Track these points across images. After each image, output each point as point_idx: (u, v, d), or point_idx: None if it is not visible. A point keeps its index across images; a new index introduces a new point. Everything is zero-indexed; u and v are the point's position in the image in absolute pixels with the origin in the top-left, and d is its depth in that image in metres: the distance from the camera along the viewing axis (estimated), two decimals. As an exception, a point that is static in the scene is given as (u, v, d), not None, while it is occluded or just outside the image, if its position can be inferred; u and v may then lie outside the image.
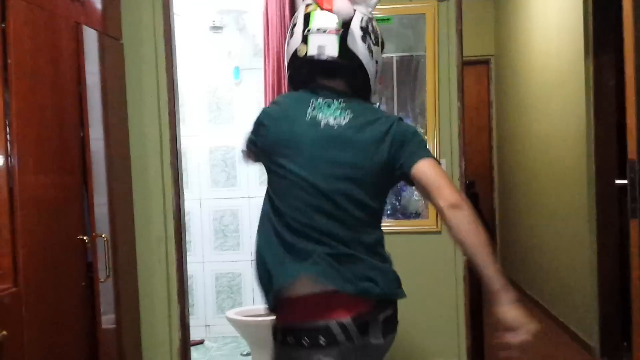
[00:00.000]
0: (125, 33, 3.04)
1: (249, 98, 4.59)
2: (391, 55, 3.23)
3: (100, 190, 2.63)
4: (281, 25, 3.47)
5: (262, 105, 4.07)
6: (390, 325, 1.75)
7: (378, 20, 3.20)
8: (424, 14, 3.14)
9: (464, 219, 1.63)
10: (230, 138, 4.61)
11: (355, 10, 1.77)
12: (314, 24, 1.76)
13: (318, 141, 1.73)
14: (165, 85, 3.11)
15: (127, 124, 3.08)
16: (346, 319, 1.66)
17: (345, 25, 1.75)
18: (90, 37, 2.61)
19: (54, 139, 2.32)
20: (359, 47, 1.75)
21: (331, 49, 1.74)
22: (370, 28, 1.79)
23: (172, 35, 3.13)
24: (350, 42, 1.75)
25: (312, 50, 1.75)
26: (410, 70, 3.25)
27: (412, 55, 3.25)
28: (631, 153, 2.72)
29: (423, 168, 1.70)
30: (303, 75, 1.84)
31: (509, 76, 6.13)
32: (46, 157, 2.26)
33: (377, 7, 1.90)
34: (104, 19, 2.79)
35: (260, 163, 1.89)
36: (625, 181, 2.78)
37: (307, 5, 1.81)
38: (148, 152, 3.13)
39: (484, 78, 6.72)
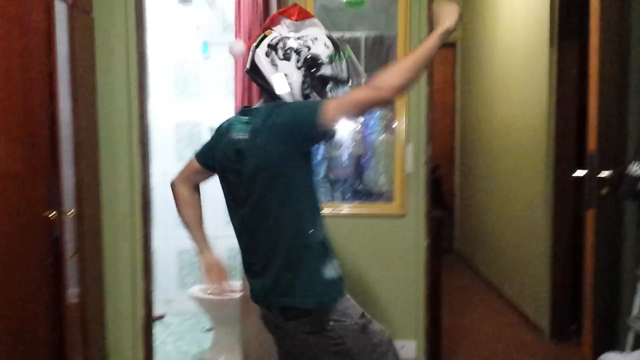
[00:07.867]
0: (96, 7, 2.99)
1: (217, 73, 4.56)
2: (359, 34, 3.26)
3: (67, 165, 2.60)
4: (253, 3, 3.44)
5: (231, 81, 4.03)
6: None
7: (352, 4, 3.25)
8: (397, -1, 3.17)
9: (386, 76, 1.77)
10: (197, 113, 4.58)
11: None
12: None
13: None
14: (135, 60, 3.07)
15: (96, 98, 3.04)
16: None
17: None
18: (61, 10, 2.56)
19: (21, 111, 2.28)
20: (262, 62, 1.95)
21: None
22: (280, 45, 1.94)
23: (144, 10, 3.08)
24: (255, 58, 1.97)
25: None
26: (381, 51, 3.28)
27: (383, 37, 3.28)
28: (591, 144, 2.81)
29: (330, 103, 1.80)
30: None
31: (474, 60, 6.21)
32: (13, 129, 2.23)
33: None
34: (75, -8, 2.73)
35: None
36: (583, 173, 2.87)
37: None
38: (116, 127, 3.10)
39: (449, 61, 6.79)
